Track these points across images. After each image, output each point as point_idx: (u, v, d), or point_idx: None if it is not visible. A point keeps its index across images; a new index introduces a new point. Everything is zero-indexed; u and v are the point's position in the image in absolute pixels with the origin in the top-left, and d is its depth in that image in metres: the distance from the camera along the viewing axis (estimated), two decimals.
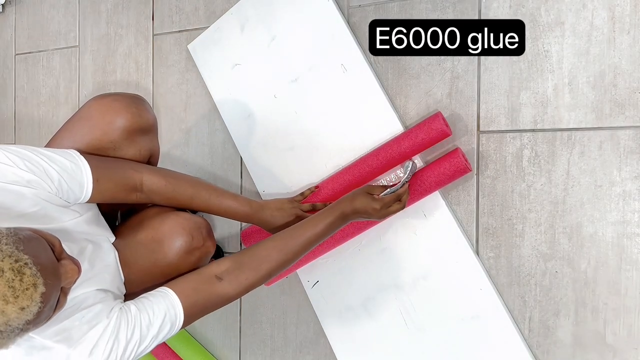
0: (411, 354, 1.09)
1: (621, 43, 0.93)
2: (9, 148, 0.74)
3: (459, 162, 0.98)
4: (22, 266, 0.57)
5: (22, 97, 1.73)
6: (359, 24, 1.14)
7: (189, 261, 0.92)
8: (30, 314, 0.57)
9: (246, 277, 0.87)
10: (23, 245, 0.59)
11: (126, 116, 0.90)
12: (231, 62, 1.26)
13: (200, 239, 0.92)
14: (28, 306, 0.56)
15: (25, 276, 0.56)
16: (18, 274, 0.56)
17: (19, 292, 0.56)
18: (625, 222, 0.93)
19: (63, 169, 0.77)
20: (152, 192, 0.91)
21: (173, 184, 0.94)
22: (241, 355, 1.33)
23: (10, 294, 0.55)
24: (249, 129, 1.25)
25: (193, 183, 0.97)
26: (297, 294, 1.24)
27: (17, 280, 0.56)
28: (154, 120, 0.97)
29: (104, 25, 1.54)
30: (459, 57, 1.05)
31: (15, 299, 0.55)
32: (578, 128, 0.96)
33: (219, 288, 0.86)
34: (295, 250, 0.91)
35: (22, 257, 0.57)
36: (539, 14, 0.98)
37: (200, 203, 0.96)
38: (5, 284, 0.55)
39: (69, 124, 0.91)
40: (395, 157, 1.03)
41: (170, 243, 0.90)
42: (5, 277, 0.55)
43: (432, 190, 1.02)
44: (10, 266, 0.56)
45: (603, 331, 0.94)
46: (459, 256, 1.03)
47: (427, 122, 1.01)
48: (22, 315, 0.56)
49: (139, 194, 0.91)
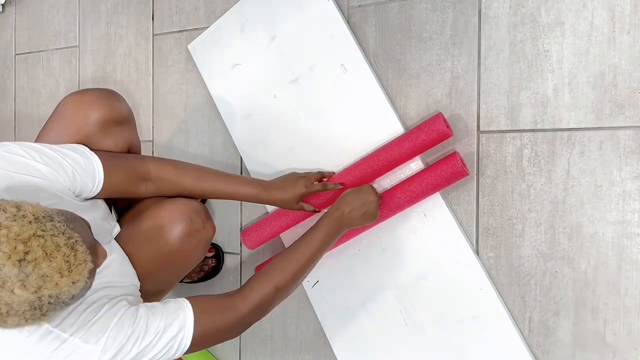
0: (411, 354, 1.09)
1: (621, 43, 0.93)
2: (24, 144, 0.76)
3: (456, 166, 0.97)
4: (74, 243, 0.60)
5: (22, 97, 1.73)
6: (359, 24, 1.14)
7: (192, 244, 0.92)
8: (77, 288, 0.60)
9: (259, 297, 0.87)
10: (73, 224, 0.62)
11: (98, 108, 0.90)
12: (231, 62, 1.26)
13: (200, 221, 0.93)
14: (78, 281, 0.60)
15: (78, 252, 0.60)
16: (72, 249, 0.59)
17: (73, 267, 0.59)
18: (625, 222, 0.93)
19: (76, 163, 0.80)
20: (161, 180, 0.92)
21: (180, 169, 0.95)
22: (241, 355, 1.33)
23: (65, 268, 0.58)
24: (249, 129, 1.25)
25: (199, 168, 0.98)
26: (297, 294, 1.24)
27: (72, 255, 0.59)
28: (127, 111, 0.97)
29: (104, 25, 1.54)
30: (459, 57, 1.05)
31: (69, 273, 0.58)
32: (578, 128, 0.96)
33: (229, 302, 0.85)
34: (300, 268, 0.91)
35: (74, 234, 0.61)
36: (539, 14, 0.98)
37: (207, 187, 0.97)
38: (62, 258, 0.58)
39: (46, 125, 0.93)
40: (395, 159, 1.03)
41: (171, 229, 0.90)
42: (62, 252, 0.58)
43: (430, 194, 1.02)
44: (65, 242, 0.59)
45: (603, 331, 0.94)
46: (459, 256, 1.03)
47: (427, 123, 1.01)
48: (72, 289, 0.59)
49: (148, 183, 0.91)
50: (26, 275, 0.56)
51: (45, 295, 0.57)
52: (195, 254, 0.94)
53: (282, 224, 1.16)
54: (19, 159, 0.74)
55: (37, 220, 0.59)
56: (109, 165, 0.84)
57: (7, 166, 0.73)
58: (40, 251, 0.57)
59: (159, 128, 1.43)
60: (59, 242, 0.58)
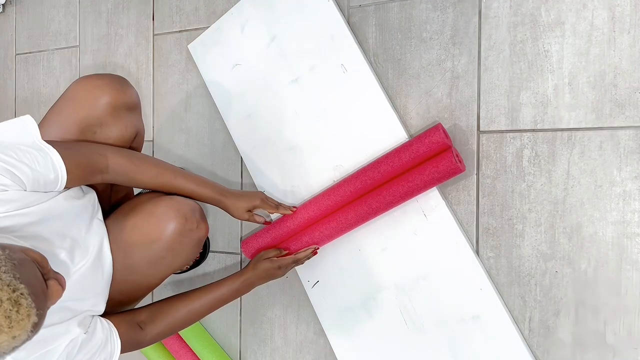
0: (411, 354, 1.09)
1: (621, 43, 0.93)
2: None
3: (451, 163, 0.97)
4: (19, 296, 0.56)
5: (22, 97, 1.73)
6: (359, 24, 1.14)
7: (183, 243, 0.92)
8: (19, 341, 0.57)
9: (157, 332, 0.96)
10: (19, 272, 0.58)
11: (110, 92, 0.91)
12: (231, 62, 1.26)
13: (194, 221, 0.93)
14: (19, 335, 0.57)
15: (22, 307, 0.56)
16: (15, 304, 0.56)
17: (14, 323, 0.56)
18: (625, 222, 0.93)
19: (34, 168, 0.76)
20: (117, 173, 0.92)
21: (136, 164, 0.94)
22: (241, 355, 1.33)
23: (6, 325, 0.55)
24: (249, 129, 1.25)
25: (157, 163, 0.98)
26: (297, 294, 1.24)
27: (14, 311, 0.56)
28: (137, 98, 0.98)
29: (104, 25, 1.54)
30: (459, 57, 1.05)
31: (9, 329, 0.56)
32: (578, 128, 0.96)
33: (139, 336, 0.94)
34: (200, 310, 1.01)
35: (19, 286, 0.57)
36: (539, 14, 0.98)
37: (163, 182, 0.97)
38: (3, 314, 0.55)
39: (55, 106, 0.92)
40: (396, 170, 1.03)
41: (165, 225, 0.90)
42: (3, 308, 0.55)
43: (425, 189, 1.02)
44: (8, 296, 0.56)
45: (603, 331, 0.94)
46: (459, 256, 1.03)
47: (427, 134, 1.00)
48: (12, 343, 0.57)
49: (104, 175, 0.91)
50: None
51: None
52: (185, 253, 0.94)
53: (282, 233, 1.15)
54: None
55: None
56: (69, 164, 0.82)
57: None
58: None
59: (159, 128, 1.43)
60: (1, 296, 0.55)
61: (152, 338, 0.96)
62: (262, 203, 1.08)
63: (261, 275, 1.07)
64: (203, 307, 1.01)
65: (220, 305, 1.04)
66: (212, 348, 1.33)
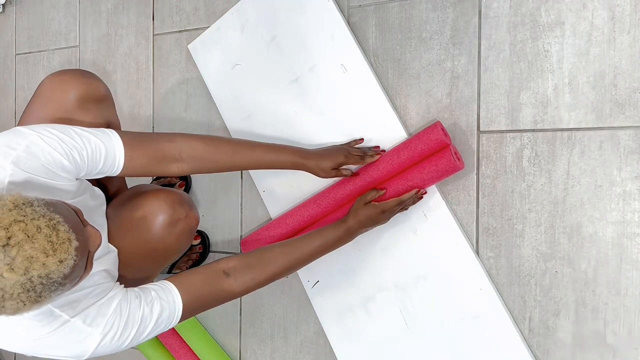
0: (411, 354, 1.09)
1: (621, 43, 0.93)
2: (45, 128, 0.77)
3: (449, 160, 0.97)
4: (56, 224, 0.62)
5: (22, 97, 1.73)
6: (359, 24, 1.14)
7: (174, 233, 0.93)
8: (67, 267, 0.62)
9: (252, 277, 0.90)
10: (53, 207, 0.64)
11: (76, 85, 0.92)
12: (231, 62, 1.26)
13: (182, 210, 0.93)
14: (65, 259, 0.61)
15: (60, 232, 0.62)
16: (54, 230, 0.61)
17: (57, 246, 0.61)
18: (625, 222, 0.93)
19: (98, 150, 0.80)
20: (194, 158, 0.91)
21: (210, 143, 0.93)
22: (241, 355, 1.33)
23: (49, 248, 0.60)
24: (249, 129, 1.25)
25: (230, 140, 0.98)
26: (297, 294, 1.24)
27: (54, 235, 0.61)
28: (105, 89, 0.98)
29: (104, 25, 1.54)
30: (459, 57, 1.05)
31: (54, 252, 0.60)
32: (578, 128, 0.96)
33: (225, 284, 0.88)
34: (300, 258, 0.95)
35: (55, 216, 0.62)
36: (539, 14, 0.98)
37: (243, 159, 0.96)
38: (44, 239, 0.60)
39: (28, 107, 0.94)
40: (395, 168, 1.03)
41: (154, 218, 0.91)
42: (43, 233, 0.60)
43: (423, 187, 1.02)
44: (45, 223, 0.61)
45: (603, 331, 0.94)
46: (459, 256, 1.03)
47: (425, 132, 1.00)
48: (61, 268, 0.61)
49: (180, 164, 0.90)
50: (12, 259, 0.58)
51: (34, 275, 0.60)
52: (177, 244, 0.95)
53: (282, 232, 1.15)
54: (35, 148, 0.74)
55: (17, 207, 0.61)
56: (132, 152, 0.84)
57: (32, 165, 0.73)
58: (22, 234, 0.59)
59: (160, 128, 1.43)
60: (39, 224, 0.60)
61: (244, 286, 0.90)
62: (347, 159, 1.03)
63: (364, 223, 0.99)
64: (303, 255, 0.95)
65: (320, 254, 0.97)
66: (212, 348, 1.33)
